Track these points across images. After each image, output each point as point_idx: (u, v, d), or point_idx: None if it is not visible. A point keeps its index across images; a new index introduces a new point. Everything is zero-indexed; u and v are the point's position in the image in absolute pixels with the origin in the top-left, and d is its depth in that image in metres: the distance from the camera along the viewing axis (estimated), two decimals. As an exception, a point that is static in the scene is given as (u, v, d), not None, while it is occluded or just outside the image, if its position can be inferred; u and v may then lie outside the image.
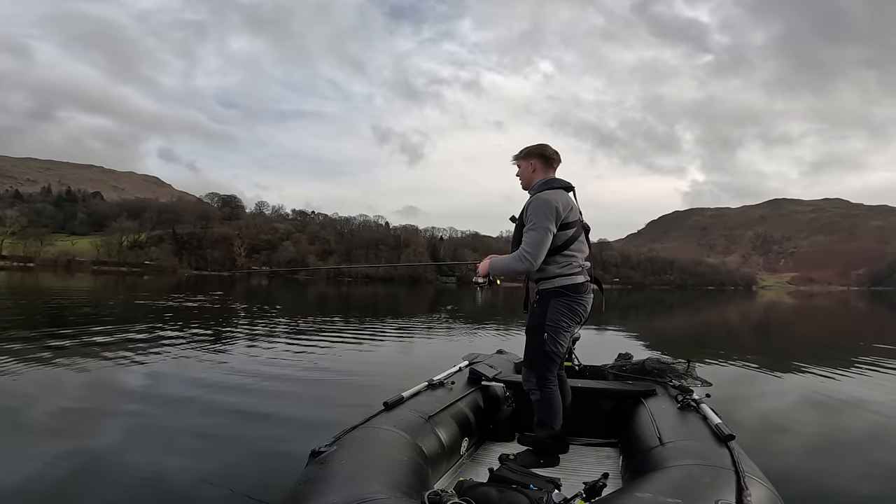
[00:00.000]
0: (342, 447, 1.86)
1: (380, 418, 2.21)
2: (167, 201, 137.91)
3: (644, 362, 3.08)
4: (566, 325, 2.51)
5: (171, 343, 7.92)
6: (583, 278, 2.54)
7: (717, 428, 2.03)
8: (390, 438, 2.03)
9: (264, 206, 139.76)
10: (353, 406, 4.13)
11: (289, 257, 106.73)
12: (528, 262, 2.41)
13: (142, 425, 3.86)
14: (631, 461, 2.17)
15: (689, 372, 2.92)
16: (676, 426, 2.20)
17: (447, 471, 2.33)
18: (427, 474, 1.94)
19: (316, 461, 1.79)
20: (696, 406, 2.37)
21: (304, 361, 6.87)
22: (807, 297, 71.03)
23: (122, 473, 2.93)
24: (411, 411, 2.35)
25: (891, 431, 4.38)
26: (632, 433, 2.37)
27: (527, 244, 2.42)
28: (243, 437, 3.66)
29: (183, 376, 5.64)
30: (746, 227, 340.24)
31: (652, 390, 2.77)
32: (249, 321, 12.41)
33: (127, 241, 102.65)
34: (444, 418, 2.43)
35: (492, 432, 2.85)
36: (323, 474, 1.66)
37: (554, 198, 2.47)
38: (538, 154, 2.64)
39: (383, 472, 1.69)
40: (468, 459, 2.57)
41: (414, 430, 2.17)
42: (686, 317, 23.22)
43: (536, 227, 2.41)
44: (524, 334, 2.64)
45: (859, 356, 8.66)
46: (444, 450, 2.28)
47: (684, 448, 1.94)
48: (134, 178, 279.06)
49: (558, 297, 2.49)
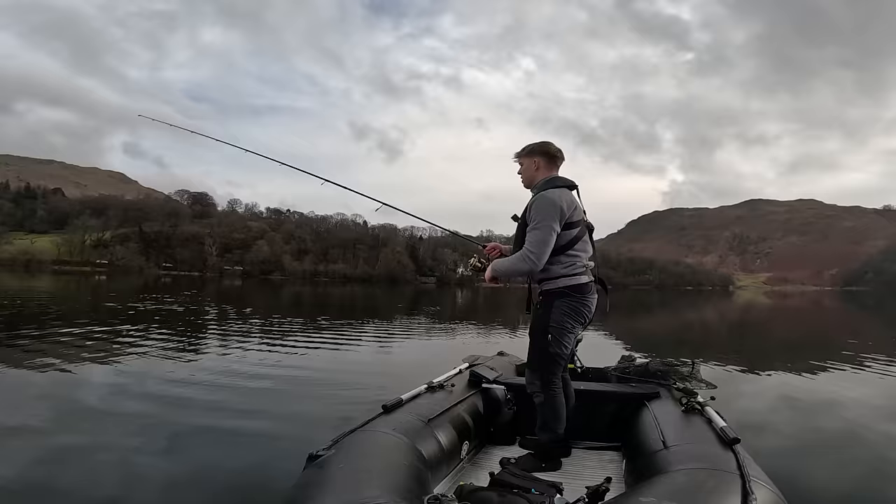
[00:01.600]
0: (340, 451, 1.83)
1: (378, 421, 2.17)
2: (133, 198, 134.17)
3: (648, 364, 3.05)
4: (570, 326, 2.48)
5: (151, 347, 7.55)
6: (587, 278, 2.51)
7: (723, 431, 2.01)
8: (389, 442, 1.99)
9: (237, 203, 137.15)
10: (351, 409, 4.11)
11: (263, 257, 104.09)
12: (532, 262, 2.37)
13: (127, 430, 3.71)
14: (634, 465, 2.16)
15: (694, 374, 2.91)
16: (681, 429, 2.18)
17: (447, 475, 2.29)
18: (427, 478, 1.90)
19: (313, 465, 1.75)
20: (700, 409, 2.36)
21: (298, 363, 6.76)
22: (782, 298, 72.40)
23: (110, 482, 2.81)
24: (410, 414, 2.31)
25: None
26: (635, 436, 2.36)
27: (530, 244, 2.38)
28: (240, 441, 3.60)
29: (169, 377, 5.47)
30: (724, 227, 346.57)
31: (656, 393, 2.74)
32: (235, 324, 12.02)
33: (90, 240, 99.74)
34: (444, 421, 2.40)
35: (493, 436, 2.80)
36: (320, 478, 1.63)
37: (558, 196, 2.43)
38: (542, 151, 2.60)
39: (382, 476, 1.66)
40: (468, 463, 2.53)
41: (413, 434, 2.13)
42: (671, 318, 23.04)
43: (540, 226, 2.37)
44: (527, 336, 2.59)
45: (859, 356, 8.75)
46: (443, 453, 2.25)
47: (689, 452, 1.92)
48: (98, 173, 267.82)
49: (562, 298, 2.46)
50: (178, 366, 6.28)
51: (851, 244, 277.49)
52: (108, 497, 2.67)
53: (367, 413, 2.26)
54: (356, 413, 2.42)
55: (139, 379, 5.39)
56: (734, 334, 16.09)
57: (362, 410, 2.51)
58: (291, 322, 12.73)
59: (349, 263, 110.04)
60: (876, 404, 5.45)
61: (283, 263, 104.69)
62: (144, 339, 8.28)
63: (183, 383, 5.22)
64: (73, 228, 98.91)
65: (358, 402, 4.56)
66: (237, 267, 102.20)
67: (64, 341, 7.64)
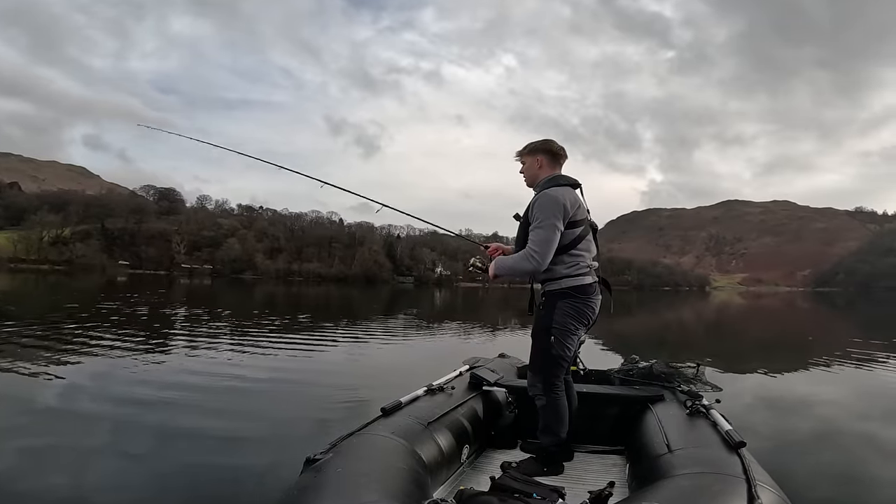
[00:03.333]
0: (338, 454, 1.80)
1: (377, 425, 2.15)
2: (95, 193, 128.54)
3: (652, 366, 3.03)
4: (574, 327, 2.45)
5: (130, 351, 7.21)
6: (591, 279, 2.48)
7: (728, 434, 2.00)
8: (388, 445, 1.97)
9: (207, 200, 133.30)
10: (350, 411, 4.13)
11: (234, 255, 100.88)
12: (536, 261, 2.34)
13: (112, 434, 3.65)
14: (638, 469, 2.16)
15: (699, 377, 2.90)
16: (685, 433, 2.17)
17: (447, 479, 2.25)
18: (426, 482, 1.88)
19: (311, 469, 1.73)
20: (705, 412, 2.35)
21: (292, 364, 6.77)
22: (756, 298, 72.99)
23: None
24: (410, 417, 2.29)
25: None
26: (639, 440, 2.35)
27: (534, 243, 2.35)
28: (236, 445, 3.53)
29: (160, 381, 5.31)
30: (700, 227, 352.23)
31: (660, 395, 2.73)
32: (219, 325, 11.63)
33: (49, 237, 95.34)
34: (444, 425, 2.37)
35: (493, 439, 2.77)
36: (318, 482, 1.61)
37: (562, 195, 2.41)
38: (545, 149, 2.59)
39: (381, 480, 1.65)
40: (469, 467, 2.50)
41: (412, 437, 2.11)
42: (651, 318, 22.95)
43: (544, 224, 2.35)
44: (528, 337, 2.58)
45: (860, 357, 8.89)
46: (443, 457, 2.22)
47: (693, 455, 1.91)
48: (57, 167, 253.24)
49: (565, 299, 2.43)
50: (174, 366, 6.19)
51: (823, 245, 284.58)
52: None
53: (366, 416, 2.24)
54: (354, 416, 2.60)
55: (101, 382, 5.24)
56: (712, 335, 16.16)
57: (360, 413, 2.65)
58: (279, 323, 12.42)
59: (324, 262, 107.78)
60: (885, 406, 5.41)
61: (256, 262, 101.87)
62: (115, 342, 7.89)
63: (169, 386, 5.07)
64: (31, 224, 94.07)
65: (355, 402, 4.56)
66: (206, 266, 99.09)
67: (17, 342, 7.34)
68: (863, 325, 20.72)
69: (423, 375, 3.10)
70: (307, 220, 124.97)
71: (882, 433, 4.40)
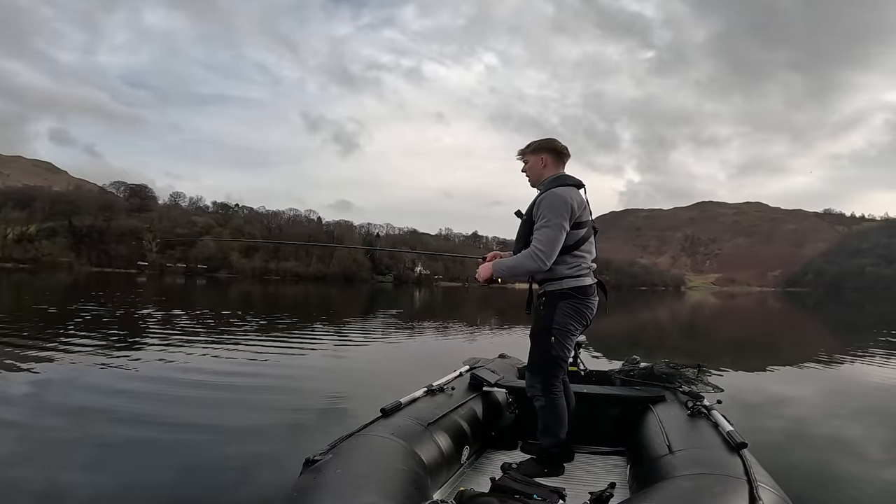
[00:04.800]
0: (337, 455, 1.79)
1: (377, 425, 2.13)
2: (62, 189, 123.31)
3: (653, 367, 3.02)
4: (573, 328, 2.44)
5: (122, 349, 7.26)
6: (591, 280, 2.48)
7: (729, 435, 1.99)
8: (388, 446, 1.96)
9: (180, 197, 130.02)
10: (349, 412, 4.10)
11: (209, 254, 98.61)
12: (541, 260, 2.31)
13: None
14: (639, 470, 2.14)
15: (700, 377, 2.89)
16: (686, 433, 2.16)
17: (447, 480, 2.23)
18: (426, 484, 1.86)
19: (310, 470, 1.72)
20: (706, 412, 2.34)
21: (289, 365, 6.69)
22: (730, 298, 74.35)
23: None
24: (409, 418, 2.26)
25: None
26: (640, 441, 2.34)
27: (539, 242, 2.32)
28: (237, 445, 3.52)
29: (154, 383, 5.18)
30: (676, 228, 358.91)
31: (661, 396, 2.73)
32: (203, 324, 11.37)
33: (13, 234, 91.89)
34: (444, 425, 2.35)
35: (494, 440, 2.75)
36: (317, 484, 1.60)
37: (569, 195, 2.39)
38: (549, 148, 2.57)
39: (380, 481, 1.64)
40: (469, 468, 2.48)
41: (412, 438, 2.09)
42: (627, 318, 22.95)
43: (550, 224, 2.32)
44: (528, 337, 2.54)
45: (861, 358, 8.97)
46: (443, 458, 2.20)
47: (694, 456, 1.90)
48: (21, 162, 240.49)
49: (566, 300, 2.42)
50: (171, 367, 6.12)
51: (794, 246, 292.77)
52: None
53: (365, 417, 2.21)
54: (353, 417, 2.53)
55: (70, 386, 5.08)
56: (685, 335, 16.28)
57: (359, 414, 2.60)
58: (265, 323, 12.26)
59: (302, 261, 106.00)
60: (886, 407, 5.41)
61: (231, 261, 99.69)
62: (92, 344, 7.66)
63: (163, 386, 5.04)
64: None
65: (354, 403, 4.56)
66: (180, 264, 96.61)
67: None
68: (837, 326, 21.20)
69: (423, 376, 3.09)
70: (284, 219, 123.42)
71: (884, 434, 4.41)
